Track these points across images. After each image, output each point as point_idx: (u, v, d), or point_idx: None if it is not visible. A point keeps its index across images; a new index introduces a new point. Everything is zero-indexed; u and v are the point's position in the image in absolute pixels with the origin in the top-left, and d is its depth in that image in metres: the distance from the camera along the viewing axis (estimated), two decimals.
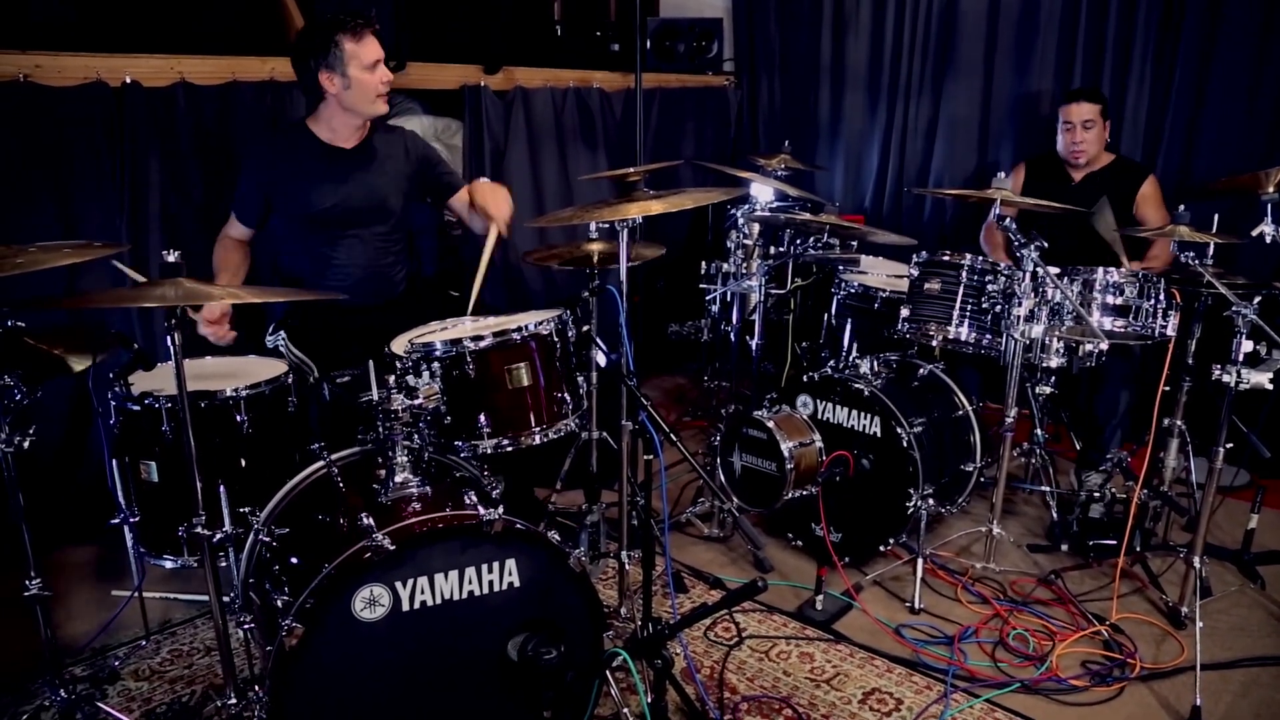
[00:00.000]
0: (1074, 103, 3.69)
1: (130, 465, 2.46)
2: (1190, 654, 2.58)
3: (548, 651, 1.99)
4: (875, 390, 3.03)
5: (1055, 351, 2.98)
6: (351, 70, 2.78)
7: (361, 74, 2.79)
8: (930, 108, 4.74)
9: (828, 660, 2.67)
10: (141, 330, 3.16)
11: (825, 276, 3.98)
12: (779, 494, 3.02)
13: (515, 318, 2.59)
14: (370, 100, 2.85)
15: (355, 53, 2.77)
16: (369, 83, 2.81)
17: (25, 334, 2.10)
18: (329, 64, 2.77)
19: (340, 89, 2.81)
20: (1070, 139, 3.71)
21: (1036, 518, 3.53)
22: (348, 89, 2.80)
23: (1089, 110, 3.65)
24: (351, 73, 2.78)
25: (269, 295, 2.21)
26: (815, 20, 5.03)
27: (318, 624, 1.86)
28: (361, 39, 2.78)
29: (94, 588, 2.94)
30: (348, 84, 2.80)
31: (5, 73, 2.81)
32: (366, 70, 2.80)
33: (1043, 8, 4.31)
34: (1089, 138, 3.67)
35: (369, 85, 2.82)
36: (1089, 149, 3.69)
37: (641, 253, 3.00)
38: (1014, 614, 2.86)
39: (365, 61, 2.79)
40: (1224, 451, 2.60)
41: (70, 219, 3.00)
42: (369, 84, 2.81)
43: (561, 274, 4.43)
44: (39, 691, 2.40)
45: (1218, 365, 2.46)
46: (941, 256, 3.10)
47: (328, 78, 2.79)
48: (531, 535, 2.06)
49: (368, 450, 2.38)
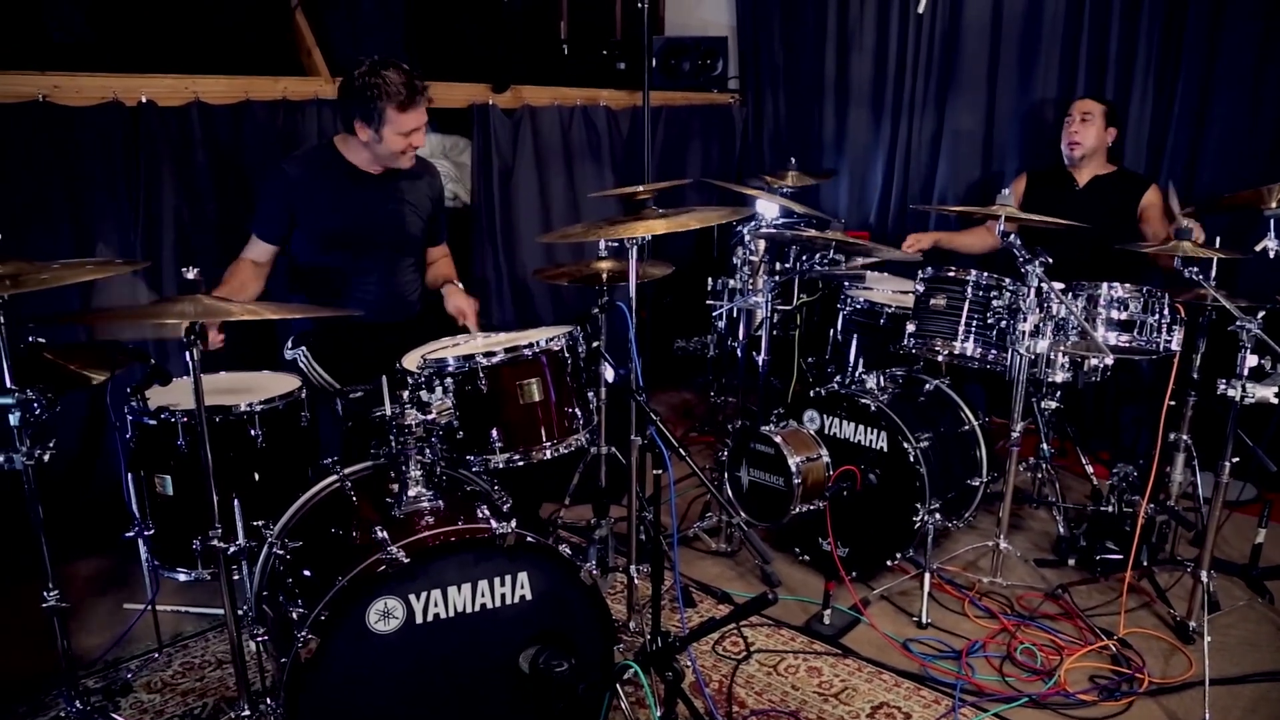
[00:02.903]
0: (1079, 100, 3.86)
1: (146, 479, 2.49)
2: (1199, 669, 2.58)
3: (559, 664, 2.01)
4: (881, 405, 3.04)
5: (1060, 366, 3.00)
6: (386, 132, 2.82)
7: (394, 137, 2.83)
8: (934, 123, 4.77)
9: (835, 674, 2.68)
10: (155, 345, 3.19)
11: (831, 292, 4.00)
12: (786, 509, 3.03)
13: (527, 334, 2.62)
14: (395, 158, 2.91)
15: (395, 120, 2.80)
16: (398, 145, 2.86)
17: (45, 349, 2.13)
18: (366, 117, 2.81)
19: (370, 140, 2.85)
20: (1068, 129, 3.82)
21: (1043, 532, 3.53)
22: (378, 144, 2.85)
23: (1089, 104, 3.79)
24: (385, 134, 2.82)
25: (286, 312, 2.23)
26: (819, 38, 5.07)
27: (332, 636, 1.88)
28: (407, 111, 2.80)
29: (107, 600, 2.95)
30: (379, 140, 2.84)
31: (25, 93, 2.85)
32: (400, 135, 2.84)
33: (1045, 22, 4.34)
34: (1085, 131, 3.77)
35: (397, 146, 2.86)
36: (1085, 140, 3.77)
37: (649, 271, 3.03)
38: (1021, 628, 2.87)
39: (402, 129, 2.83)
40: (1230, 466, 2.61)
41: (86, 236, 3.05)
42: (398, 145, 2.86)
43: (570, 291, 4.47)
44: (54, 702, 2.42)
45: (1223, 380, 2.48)
46: (947, 272, 3.12)
47: (361, 128, 2.83)
48: (543, 549, 2.08)
49: (381, 464, 2.41)
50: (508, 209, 4.24)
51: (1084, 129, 3.77)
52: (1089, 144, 3.77)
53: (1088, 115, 3.77)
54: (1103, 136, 3.78)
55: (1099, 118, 3.76)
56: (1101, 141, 3.78)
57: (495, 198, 4.16)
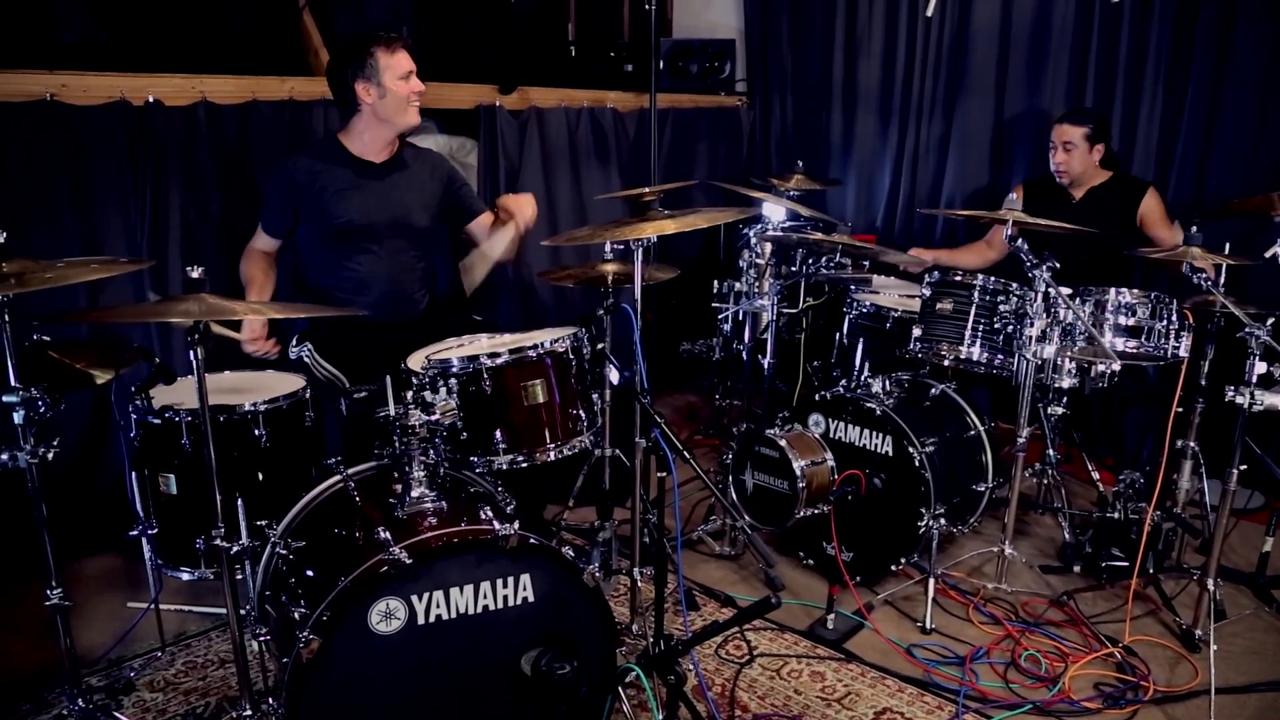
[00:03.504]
0: (1058, 124, 3.77)
1: (149, 477, 2.49)
2: (1204, 678, 2.57)
3: (561, 666, 2.01)
4: (887, 409, 3.03)
5: (1067, 372, 2.98)
6: (386, 80, 2.89)
7: (395, 84, 2.91)
8: (942, 127, 4.76)
9: (839, 679, 2.67)
10: (161, 344, 3.20)
11: (837, 296, 3.99)
12: (791, 512, 3.02)
13: (531, 335, 2.62)
14: (404, 109, 2.96)
15: (389, 64, 2.89)
16: (403, 92, 2.93)
17: (50, 347, 2.14)
18: (365, 74, 2.89)
19: (376, 98, 2.91)
20: (1053, 158, 3.78)
21: (1048, 538, 3.52)
22: (383, 98, 2.91)
23: (1069, 132, 3.70)
24: (386, 82, 2.90)
25: (292, 311, 2.24)
26: (828, 41, 5.07)
27: (333, 636, 1.87)
28: (395, 51, 2.91)
29: (111, 598, 2.96)
30: (383, 93, 2.90)
31: (33, 92, 2.86)
32: (400, 80, 2.92)
33: (1054, 28, 4.33)
34: (1069, 159, 3.72)
35: (403, 94, 2.93)
36: (1070, 169, 3.74)
37: (654, 275, 3.03)
38: (1026, 635, 2.86)
39: (399, 72, 2.91)
40: (1238, 473, 2.59)
41: (93, 235, 3.05)
42: (403, 93, 2.93)
43: (575, 292, 4.46)
44: (56, 700, 2.42)
45: (1231, 387, 2.47)
46: (954, 276, 3.11)
47: (364, 88, 2.90)
48: (546, 551, 2.07)
49: (384, 465, 2.40)
50: None
51: (1069, 158, 3.71)
52: (1074, 171, 3.74)
53: (1069, 144, 3.69)
54: (1089, 158, 3.72)
55: (1080, 142, 3.68)
56: (1089, 163, 3.73)
57: None
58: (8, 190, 2.87)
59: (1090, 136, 3.69)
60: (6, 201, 2.87)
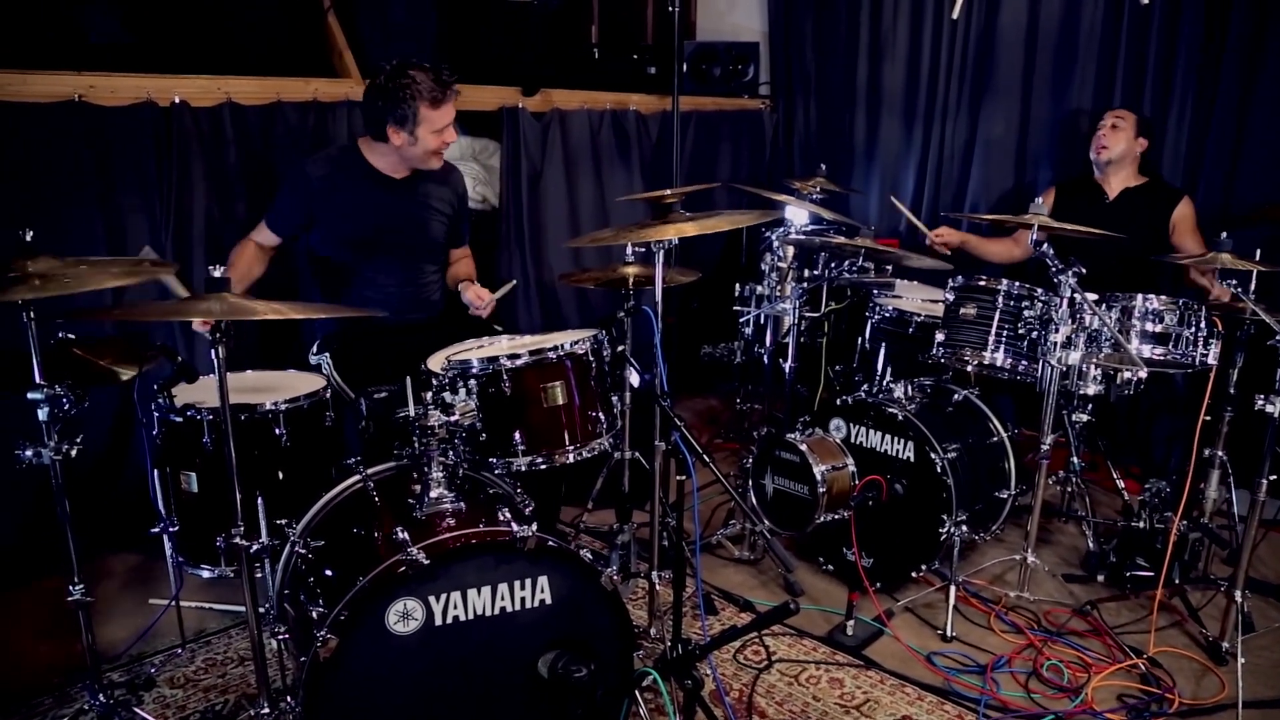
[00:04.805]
0: (1112, 110, 3.85)
1: (171, 475, 2.51)
2: (1231, 691, 2.53)
3: (578, 669, 2.00)
4: (909, 415, 3.01)
5: (1093, 379, 2.95)
6: (420, 131, 2.84)
7: (429, 135, 2.86)
8: (967, 131, 4.72)
9: (858, 686, 2.65)
10: (185, 343, 3.22)
11: (860, 300, 3.96)
12: (811, 517, 3.01)
13: (551, 337, 2.62)
14: (429, 157, 2.93)
15: (429, 118, 2.82)
16: (433, 143, 2.88)
17: (74, 345, 2.15)
18: (399, 120, 2.82)
19: (405, 144, 2.87)
20: (1098, 139, 3.79)
21: (1072, 547, 3.48)
22: (413, 145, 2.87)
23: (1122, 112, 3.79)
24: (420, 133, 2.84)
25: (311, 311, 2.25)
26: (852, 44, 5.04)
27: (351, 636, 1.88)
28: (439, 107, 2.83)
29: (132, 595, 2.98)
30: (414, 141, 2.86)
31: (62, 93, 2.89)
32: (434, 133, 2.86)
33: (1082, 30, 4.28)
34: (1115, 135, 3.73)
35: (432, 145, 2.89)
36: (1113, 146, 3.73)
37: (676, 278, 3.02)
38: (1048, 644, 2.82)
39: (436, 126, 2.85)
40: (1267, 484, 2.55)
41: (118, 234, 3.08)
42: (433, 144, 2.88)
43: (596, 294, 4.46)
44: (78, 695, 2.45)
45: (1261, 395, 2.43)
46: (978, 281, 3.08)
47: (395, 131, 2.84)
48: (564, 553, 2.07)
49: (403, 465, 2.41)
50: (536, 212, 4.24)
51: (1114, 135, 3.73)
52: (1117, 150, 3.72)
53: (1119, 122, 3.74)
54: (1132, 145, 3.73)
55: (1130, 126, 3.72)
56: (1131, 150, 3.73)
57: (524, 200, 4.16)
58: (36, 188, 2.90)
59: (1140, 125, 3.75)
60: (35, 200, 2.90)
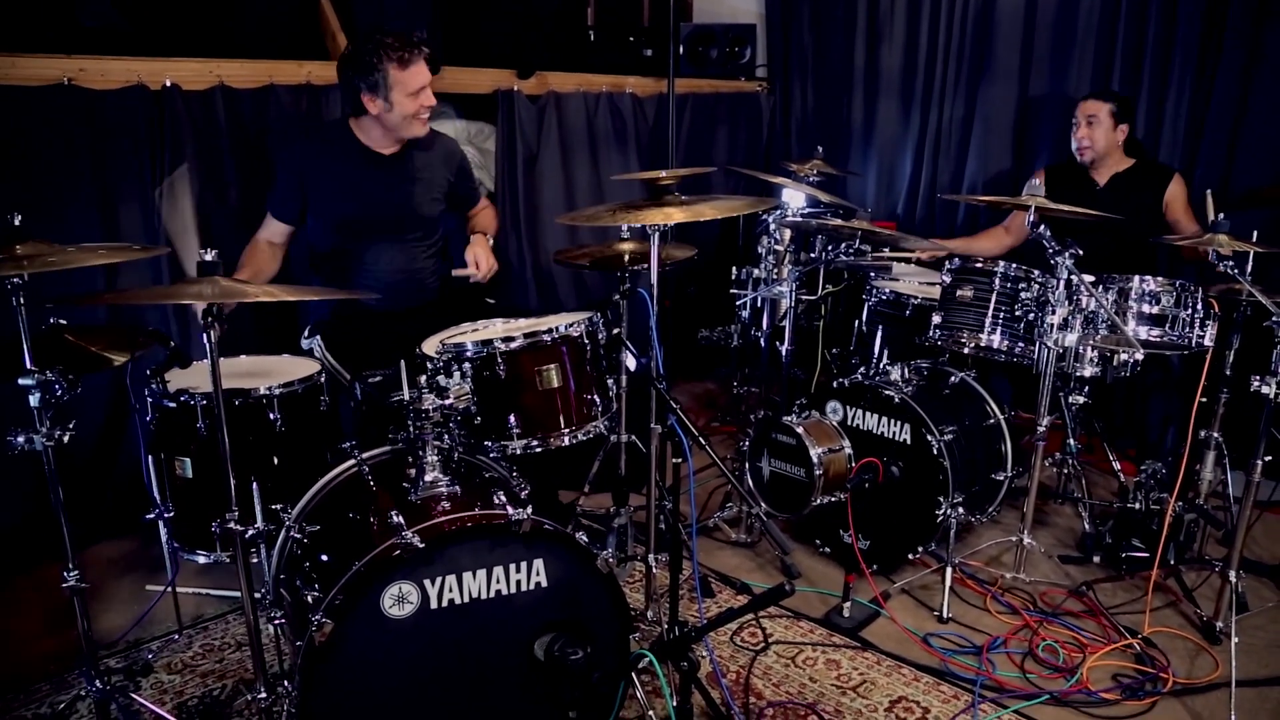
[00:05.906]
0: (1083, 101, 3.75)
1: (165, 461, 2.50)
2: (1225, 670, 2.54)
3: (574, 652, 2.00)
4: (906, 397, 3.01)
5: (1089, 360, 2.95)
6: (394, 96, 2.83)
7: (404, 99, 2.84)
8: (964, 113, 4.70)
9: (854, 667, 2.66)
10: (178, 328, 3.21)
11: (856, 283, 3.96)
12: (807, 500, 3.01)
13: (546, 320, 2.61)
14: (410, 123, 2.91)
15: (401, 79, 2.81)
16: (410, 108, 2.86)
17: (66, 331, 2.14)
18: (372, 86, 2.82)
19: (381, 111, 2.86)
20: (1075, 136, 3.74)
21: (1068, 528, 3.49)
22: (389, 112, 2.86)
23: (1094, 106, 3.69)
24: (394, 98, 2.83)
25: (302, 294, 2.23)
26: (849, 26, 5.01)
27: (347, 620, 1.88)
28: (409, 66, 2.81)
29: (129, 581, 2.99)
30: (389, 107, 2.85)
31: (52, 76, 2.87)
32: (410, 96, 2.84)
33: (1081, 12, 4.26)
34: (1092, 134, 3.69)
35: (410, 110, 2.87)
36: (1094, 144, 3.70)
37: (672, 253, 3.00)
38: (1044, 625, 2.83)
39: (409, 88, 2.83)
40: (1262, 465, 2.55)
41: (110, 218, 3.06)
42: (410, 109, 2.87)
43: (592, 277, 4.45)
44: (75, 681, 2.45)
45: (1257, 376, 2.43)
46: (975, 263, 3.08)
47: (370, 99, 2.84)
48: (560, 536, 2.07)
49: (398, 449, 2.40)
50: (532, 195, 4.22)
51: (1091, 132, 3.68)
52: (1098, 147, 3.69)
53: (1093, 118, 3.66)
54: (1112, 136, 3.68)
55: (1105, 118, 3.65)
56: (1112, 141, 3.69)
57: (519, 184, 4.15)
58: (26, 173, 2.88)
59: (1115, 114, 3.67)
60: (25, 184, 2.88)
